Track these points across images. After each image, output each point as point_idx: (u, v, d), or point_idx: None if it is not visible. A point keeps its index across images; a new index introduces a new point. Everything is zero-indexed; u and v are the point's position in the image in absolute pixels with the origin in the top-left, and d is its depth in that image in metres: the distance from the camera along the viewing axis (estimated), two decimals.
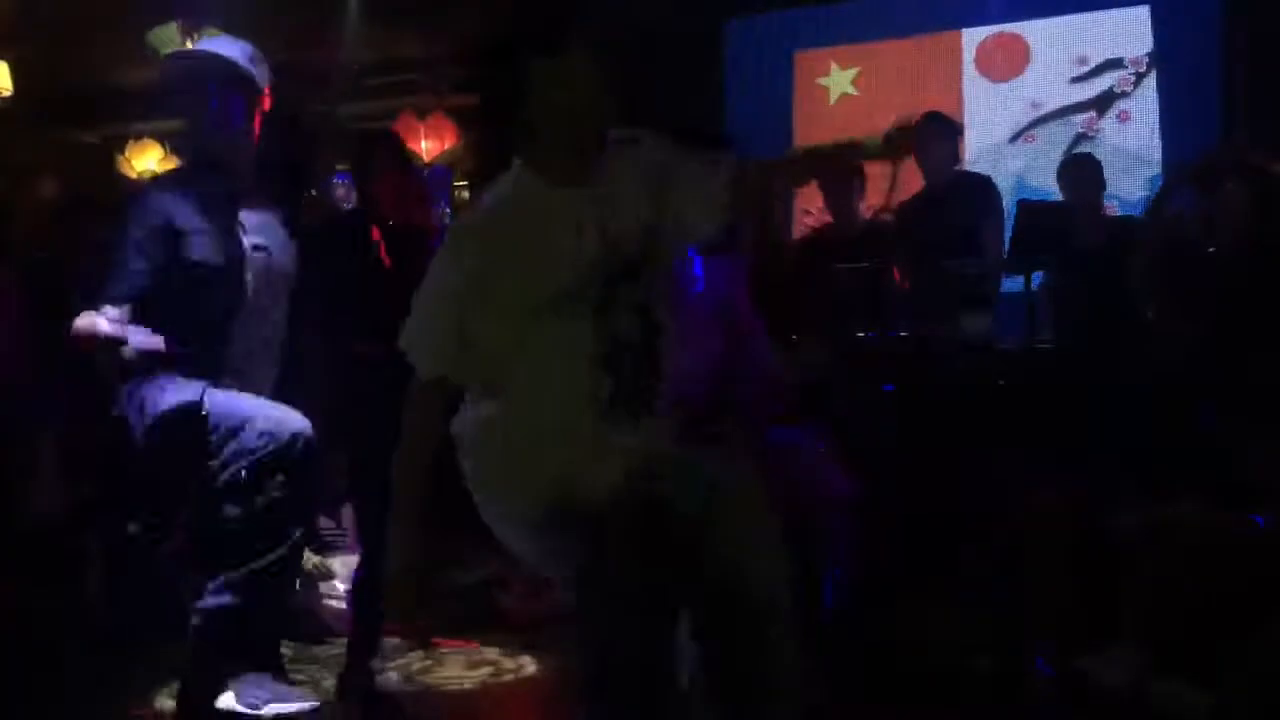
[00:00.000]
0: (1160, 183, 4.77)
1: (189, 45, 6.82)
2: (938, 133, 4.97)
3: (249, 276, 2.65)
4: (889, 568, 3.87)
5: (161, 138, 8.93)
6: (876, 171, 4.96)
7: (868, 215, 5.04)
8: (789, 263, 5.04)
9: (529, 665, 4.05)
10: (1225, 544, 3.10)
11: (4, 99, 6.85)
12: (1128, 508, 3.36)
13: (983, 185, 5.20)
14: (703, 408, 2.71)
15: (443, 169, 8.15)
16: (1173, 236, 3.97)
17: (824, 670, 3.23)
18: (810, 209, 6.91)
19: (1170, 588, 3.08)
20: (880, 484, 3.90)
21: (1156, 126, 6.73)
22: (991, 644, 3.59)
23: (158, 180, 3.04)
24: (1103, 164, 5.06)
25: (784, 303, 3.95)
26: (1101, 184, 4.95)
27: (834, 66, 7.53)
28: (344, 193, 6.31)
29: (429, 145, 8.27)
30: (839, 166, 4.96)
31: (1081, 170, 4.95)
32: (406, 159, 3.78)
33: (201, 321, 2.62)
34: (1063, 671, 3.30)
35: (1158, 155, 6.68)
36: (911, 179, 5.05)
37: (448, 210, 6.75)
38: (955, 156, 5.17)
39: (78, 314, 2.59)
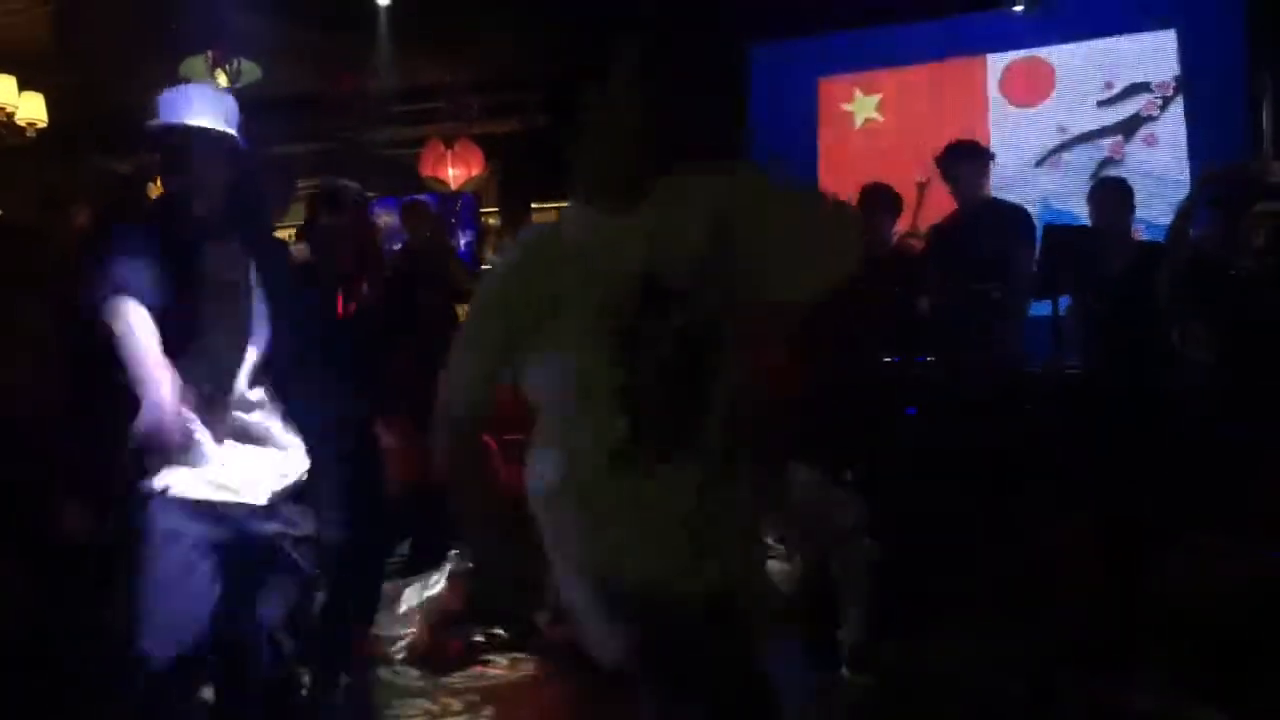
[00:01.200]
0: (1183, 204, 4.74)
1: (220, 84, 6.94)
2: (969, 158, 4.96)
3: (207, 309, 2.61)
4: (915, 592, 3.85)
5: None
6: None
7: (895, 239, 5.04)
8: None
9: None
10: (1254, 572, 3.07)
11: (38, 129, 6.97)
12: (1155, 532, 3.33)
13: (1015, 213, 5.15)
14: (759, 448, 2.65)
15: (470, 196, 8.20)
16: (1196, 257, 3.95)
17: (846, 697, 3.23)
18: None
19: (1198, 614, 3.05)
20: (906, 508, 3.89)
21: (1184, 150, 6.71)
22: (1019, 668, 3.56)
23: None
24: (1129, 183, 5.04)
25: (809, 328, 3.94)
26: (1131, 208, 4.93)
27: (858, 92, 7.55)
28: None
29: (456, 172, 8.32)
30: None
31: (1111, 194, 4.93)
32: (344, 207, 3.78)
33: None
34: (1090, 697, 3.27)
35: (1185, 178, 6.64)
36: (932, 207, 5.05)
37: (470, 238, 6.79)
38: (986, 182, 5.13)
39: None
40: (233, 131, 2.72)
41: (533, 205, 8.96)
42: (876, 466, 3.74)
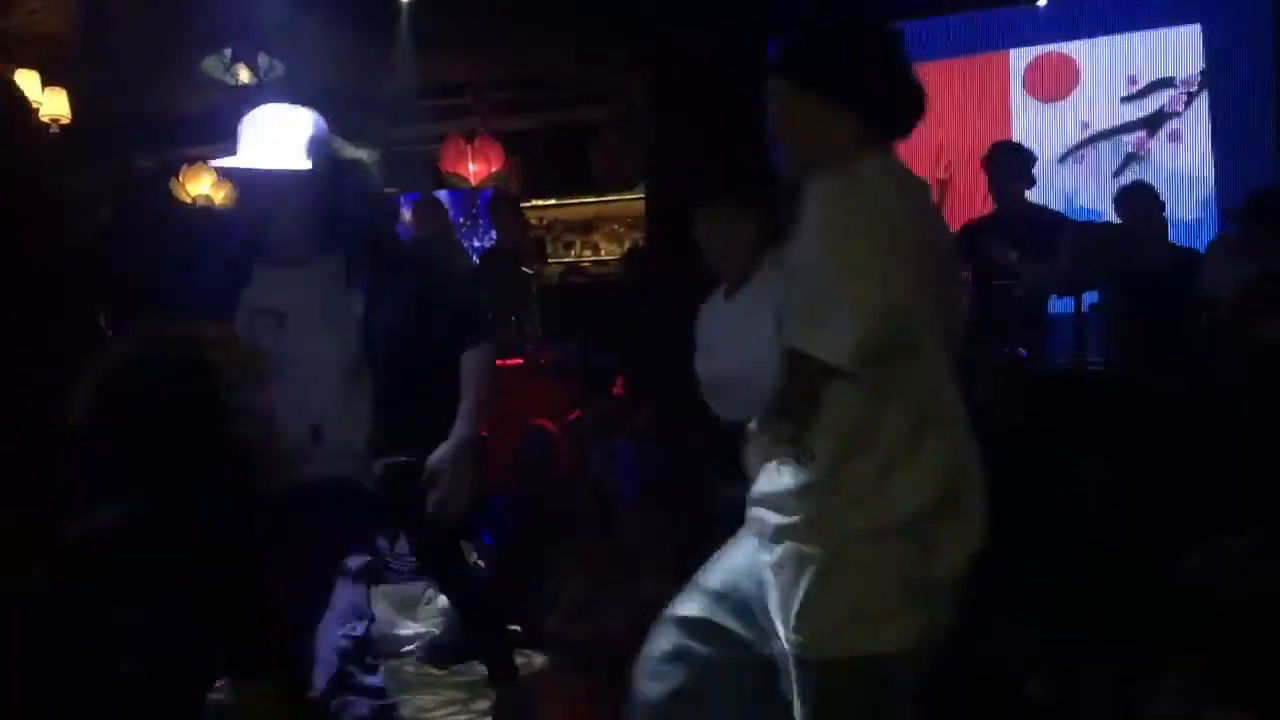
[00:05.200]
0: (1214, 248, 4.75)
1: (243, 79, 6.96)
2: (1010, 160, 4.95)
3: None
4: None
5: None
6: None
7: None
8: None
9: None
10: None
11: (62, 125, 7.01)
12: (1181, 532, 3.31)
13: (1060, 224, 5.10)
14: None
15: (490, 192, 8.21)
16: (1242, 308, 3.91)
17: None
18: None
19: (1230, 620, 3.03)
20: None
21: (1209, 146, 6.66)
22: (1044, 668, 3.54)
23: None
24: (1154, 186, 5.02)
25: None
26: (1160, 208, 4.91)
27: None
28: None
29: (476, 168, 8.35)
30: None
31: (1137, 200, 4.91)
32: None
33: None
34: (1117, 699, 3.25)
35: (1210, 175, 6.60)
36: (953, 203, 5.03)
37: (504, 234, 6.77)
38: (1028, 185, 5.09)
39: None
40: (307, 164, 2.65)
41: (554, 201, 9.02)
42: None
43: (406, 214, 8.26)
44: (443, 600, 4.47)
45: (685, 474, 4.39)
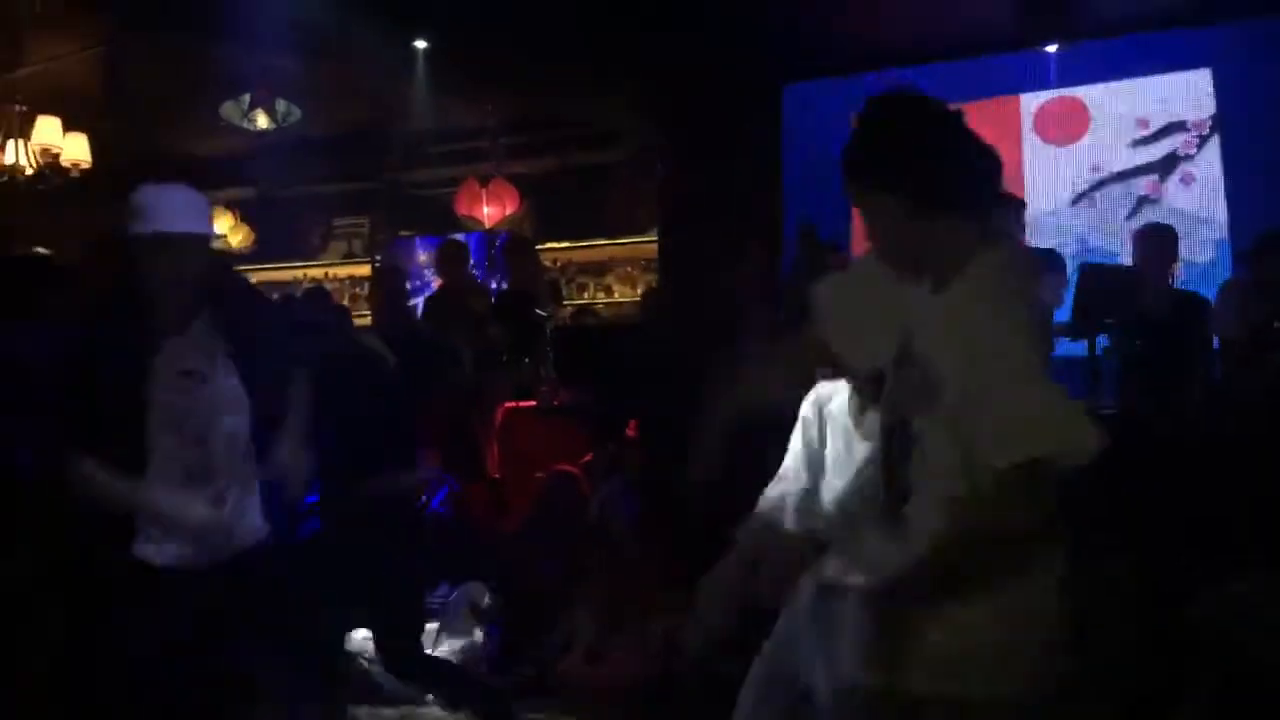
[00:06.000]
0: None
1: (261, 124, 7.06)
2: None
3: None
4: None
5: (231, 205, 9.19)
6: None
7: None
8: None
9: None
10: None
11: (82, 170, 7.10)
12: (1194, 579, 3.29)
13: (1049, 257, 5.11)
14: None
15: (505, 235, 8.27)
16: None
17: None
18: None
19: (1239, 662, 3.01)
20: None
21: (1221, 189, 6.67)
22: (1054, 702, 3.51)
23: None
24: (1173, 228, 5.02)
25: None
26: (1175, 254, 4.90)
27: None
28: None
29: (490, 211, 8.40)
30: None
31: (1156, 240, 4.90)
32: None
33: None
34: None
35: (1222, 217, 6.61)
36: None
37: (519, 276, 6.81)
38: (1021, 227, 5.08)
39: None
40: (205, 231, 2.80)
41: (567, 244, 9.07)
42: None
43: (423, 257, 8.33)
44: (450, 644, 4.47)
45: (681, 516, 4.38)
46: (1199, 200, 6.72)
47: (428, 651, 4.42)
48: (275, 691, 2.86)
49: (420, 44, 7.24)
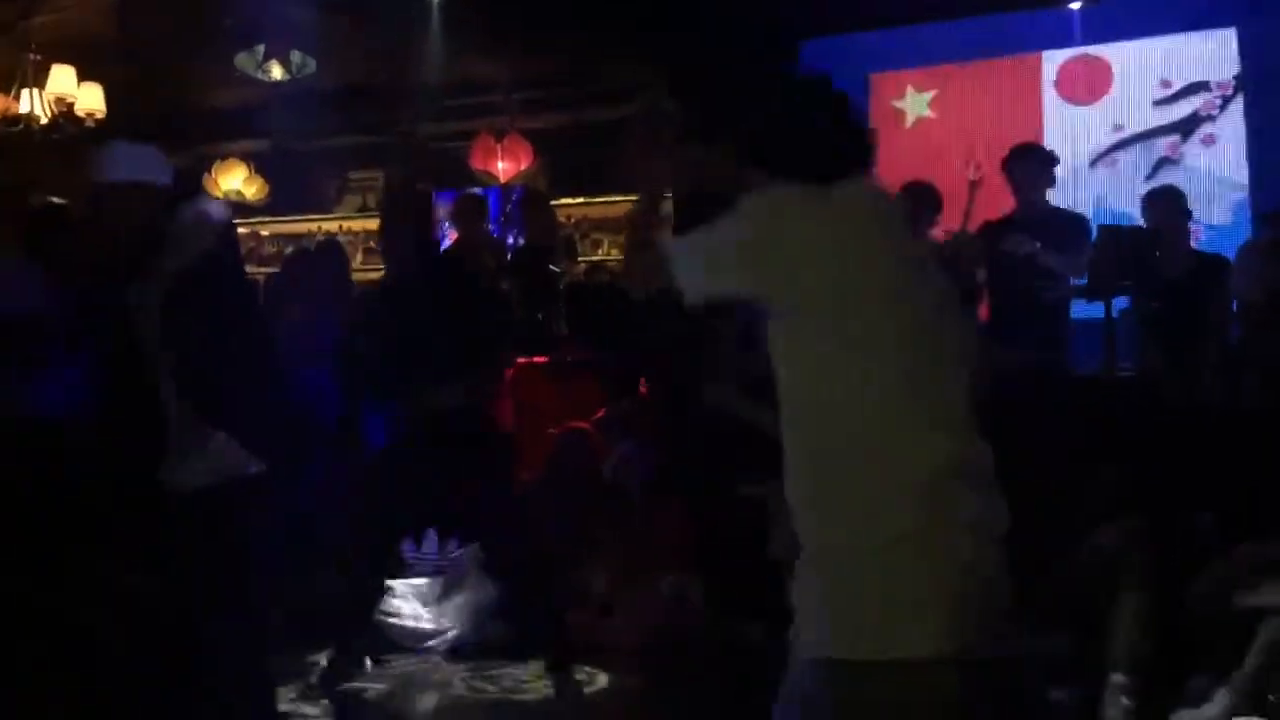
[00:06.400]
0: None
1: (275, 75, 7.03)
2: (1033, 162, 4.92)
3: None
4: None
5: (245, 157, 9.16)
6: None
7: (943, 238, 5.00)
8: None
9: None
10: None
11: (97, 120, 7.08)
12: (1210, 540, 3.29)
13: (1074, 222, 5.08)
14: None
15: (521, 190, 8.23)
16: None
17: None
18: None
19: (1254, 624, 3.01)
20: None
21: (1243, 150, 6.60)
22: (1069, 677, 3.53)
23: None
24: (1186, 190, 4.98)
25: None
26: (1186, 213, 4.87)
27: (910, 89, 7.49)
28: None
29: (505, 166, 8.36)
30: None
31: (1164, 203, 4.87)
32: None
33: None
34: (1145, 710, 3.23)
35: (1244, 179, 6.55)
36: (984, 205, 5.01)
37: (534, 232, 6.79)
38: (1049, 186, 5.05)
39: None
40: (154, 180, 2.89)
41: (581, 200, 9.04)
42: None
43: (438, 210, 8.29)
44: (464, 597, 4.49)
45: (694, 472, 4.39)
46: (1220, 161, 6.66)
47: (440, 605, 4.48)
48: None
49: None
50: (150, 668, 2.82)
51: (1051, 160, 5.03)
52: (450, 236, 6.96)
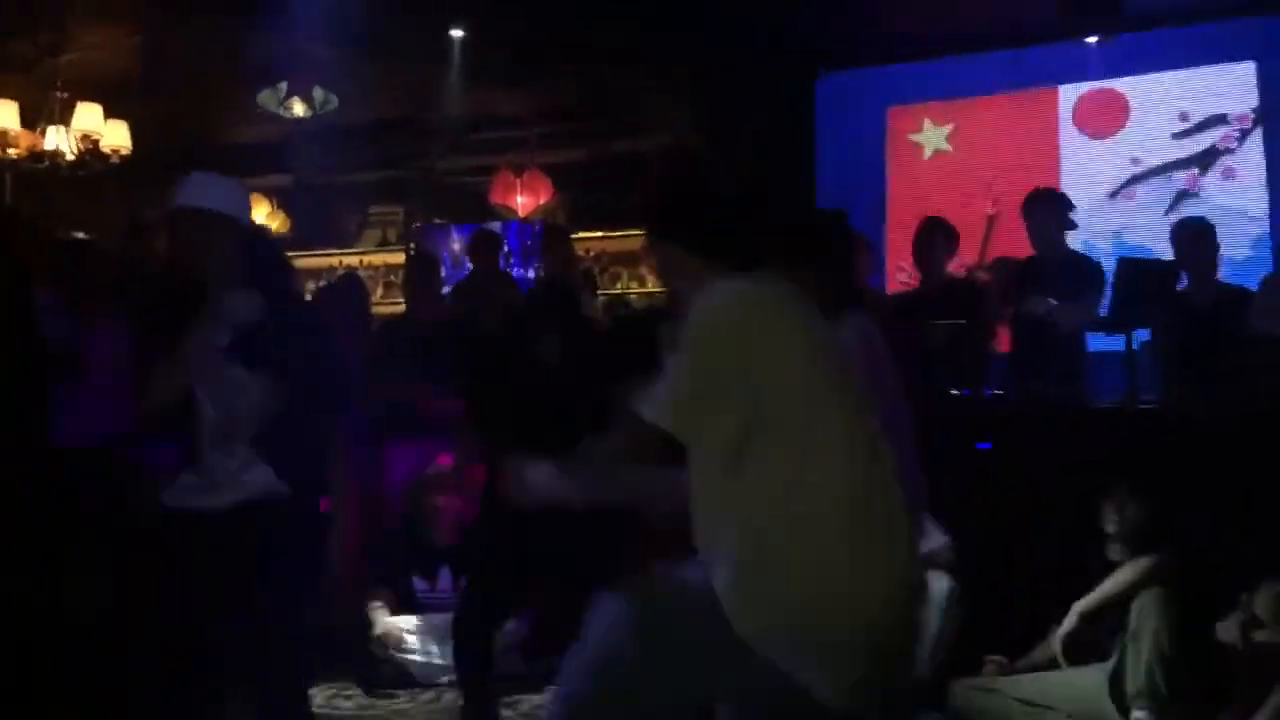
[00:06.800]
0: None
1: (297, 112, 7.11)
2: (1050, 207, 4.93)
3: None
4: (982, 628, 3.80)
5: (268, 192, 9.25)
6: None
7: (960, 273, 5.02)
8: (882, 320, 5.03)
9: None
10: None
11: (122, 157, 7.17)
12: (1232, 572, 3.26)
13: (1093, 270, 5.06)
14: None
15: (540, 224, 8.28)
16: None
17: None
18: (903, 265, 6.90)
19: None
20: (975, 542, 3.84)
21: (1263, 183, 6.59)
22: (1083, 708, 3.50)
23: None
24: (1212, 224, 4.97)
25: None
26: (1215, 247, 4.86)
27: (927, 122, 7.51)
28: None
29: (524, 200, 8.41)
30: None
31: (1195, 235, 4.87)
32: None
33: None
34: None
35: (1264, 213, 6.53)
36: (1001, 239, 5.02)
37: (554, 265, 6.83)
38: (1068, 229, 5.04)
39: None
40: (236, 215, 2.96)
41: (600, 233, 9.09)
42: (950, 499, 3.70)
43: (457, 244, 8.36)
44: None
45: None
46: (1240, 194, 6.64)
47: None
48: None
49: (457, 33, 7.25)
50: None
51: (1067, 205, 5.03)
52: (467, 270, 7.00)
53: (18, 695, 2.75)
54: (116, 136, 7.11)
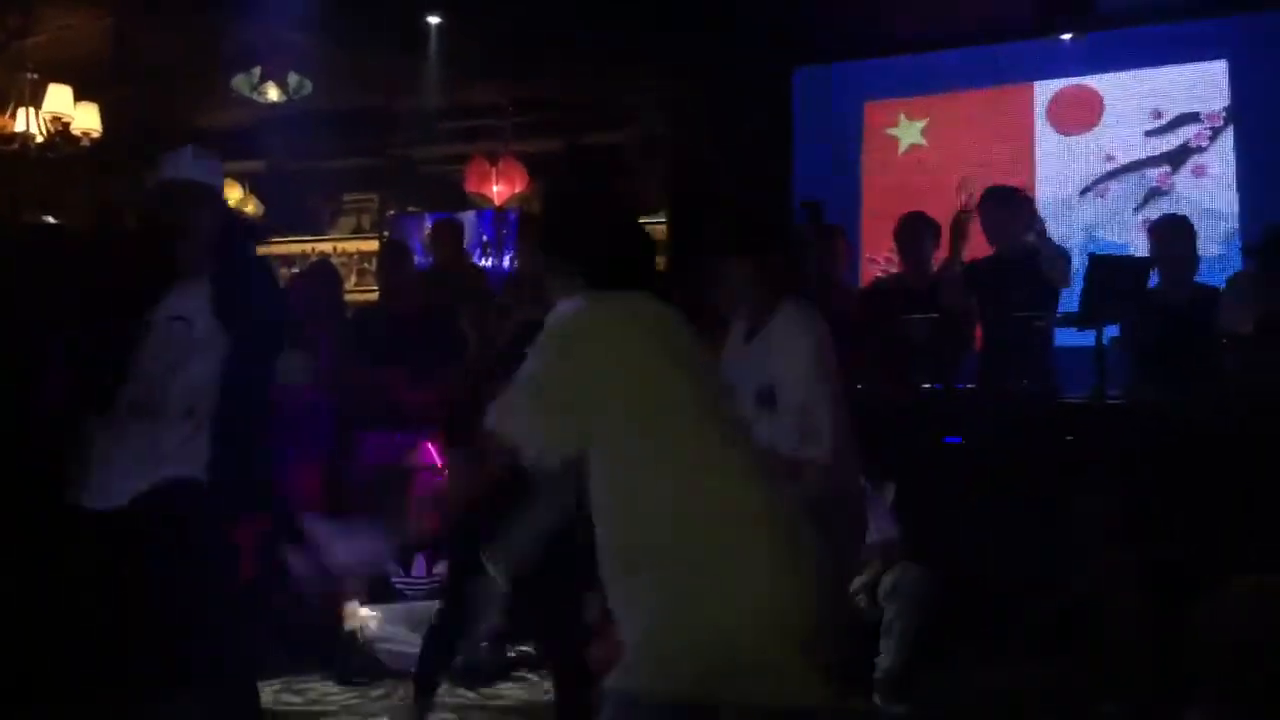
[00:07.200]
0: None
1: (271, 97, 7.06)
2: (997, 205, 4.93)
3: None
4: (953, 622, 3.83)
5: (241, 178, 9.18)
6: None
7: (936, 266, 5.04)
8: (855, 310, 5.05)
9: None
10: None
11: (92, 139, 7.10)
12: (1201, 567, 3.29)
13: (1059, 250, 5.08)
14: None
15: (518, 213, 8.26)
16: None
17: None
18: (876, 257, 6.91)
19: (1250, 651, 3.01)
20: (944, 536, 3.87)
21: (1233, 181, 6.64)
22: (1057, 700, 3.53)
23: None
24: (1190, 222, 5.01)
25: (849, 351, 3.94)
26: (1193, 245, 4.90)
27: (903, 117, 7.54)
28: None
29: (500, 189, 8.39)
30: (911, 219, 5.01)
31: (1173, 231, 4.90)
32: None
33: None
34: None
35: (1234, 210, 6.58)
36: (977, 233, 5.03)
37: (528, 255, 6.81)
38: (1023, 225, 5.04)
39: None
40: (214, 185, 3.02)
41: None
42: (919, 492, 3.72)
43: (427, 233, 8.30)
44: None
45: None
46: (1211, 192, 6.69)
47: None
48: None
49: (433, 20, 7.21)
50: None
51: (1017, 199, 5.03)
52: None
53: None
54: (87, 119, 7.04)
